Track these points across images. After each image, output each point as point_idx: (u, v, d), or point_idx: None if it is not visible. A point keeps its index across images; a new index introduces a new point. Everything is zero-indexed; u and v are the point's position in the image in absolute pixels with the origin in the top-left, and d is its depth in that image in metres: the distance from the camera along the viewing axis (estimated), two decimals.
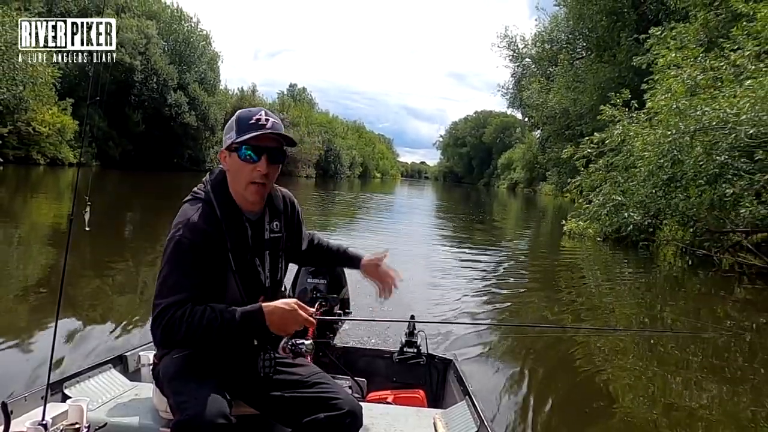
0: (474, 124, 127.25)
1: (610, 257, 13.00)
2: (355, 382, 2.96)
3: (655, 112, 12.15)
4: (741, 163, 9.91)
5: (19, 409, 2.01)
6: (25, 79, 25.77)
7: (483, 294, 7.97)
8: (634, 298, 8.63)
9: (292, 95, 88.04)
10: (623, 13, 27.97)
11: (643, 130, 12.13)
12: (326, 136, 78.37)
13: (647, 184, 11.86)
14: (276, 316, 1.76)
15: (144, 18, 41.74)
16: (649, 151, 11.61)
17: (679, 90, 11.27)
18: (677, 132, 10.57)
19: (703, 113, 10.17)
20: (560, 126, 31.55)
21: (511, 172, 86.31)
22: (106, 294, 6.36)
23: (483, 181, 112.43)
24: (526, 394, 4.27)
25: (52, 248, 8.35)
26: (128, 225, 13.08)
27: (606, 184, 13.07)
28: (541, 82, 32.69)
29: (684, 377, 4.87)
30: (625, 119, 12.93)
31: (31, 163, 29.92)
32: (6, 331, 4.58)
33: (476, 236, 17.58)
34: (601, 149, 13.46)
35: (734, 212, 9.99)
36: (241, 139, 1.81)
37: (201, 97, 46.65)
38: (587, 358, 5.14)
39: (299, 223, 2.17)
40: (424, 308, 6.47)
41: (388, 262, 2.31)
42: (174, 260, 1.76)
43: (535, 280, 9.92)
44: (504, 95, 46.27)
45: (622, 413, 3.99)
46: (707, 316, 7.40)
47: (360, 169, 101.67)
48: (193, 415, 1.61)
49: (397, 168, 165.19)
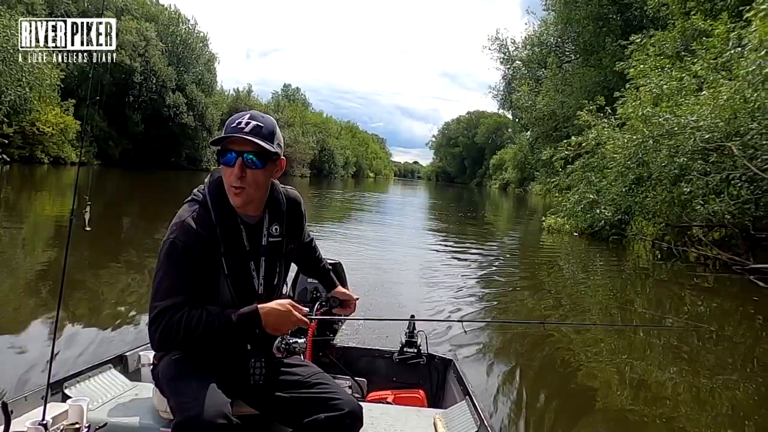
0: (466, 125, 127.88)
1: (585, 251, 14.11)
2: (355, 382, 2.98)
3: (627, 118, 13.31)
4: (698, 165, 11.06)
5: (19, 409, 2.01)
6: (32, 81, 26.50)
7: (477, 290, 8.26)
8: (608, 291, 9.23)
9: (287, 95, 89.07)
10: (609, 18, 28.73)
11: (613, 134, 13.29)
12: (320, 136, 79.49)
13: (617, 183, 13.06)
14: (271, 317, 1.79)
15: (143, 20, 42.65)
16: (618, 154, 12.77)
17: (646, 98, 12.44)
18: (642, 137, 11.73)
19: (665, 120, 11.32)
20: (548, 128, 31.95)
21: (502, 173, 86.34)
22: (106, 293, 6.33)
23: (475, 181, 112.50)
24: (526, 393, 4.31)
25: (54, 246, 8.51)
26: (129, 222, 13.32)
27: (582, 183, 14.23)
28: (530, 85, 33.44)
29: (678, 369, 5.08)
30: (599, 124, 14.07)
31: (35, 161, 30.84)
32: (6, 330, 4.58)
33: (468, 233, 18.45)
34: (577, 152, 14.62)
35: (690, 209, 11.14)
36: (213, 140, 1.83)
37: (198, 97, 47.71)
38: (583, 355, 5.27)
39: (302, 224, 2.15)
40: (421, 305, 6.63)
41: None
42: (169, 262, 1.77)
43: (521, 274, 10.55)
44: (495, 97, 46.58)
45: (621, 410, 4.03)
46: (671, 305, 8.25)
47: (353, 169, 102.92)
48: (194, 415, 1.62)
49: (390, 168, 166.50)
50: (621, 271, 11.40)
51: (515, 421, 3.79)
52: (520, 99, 34.12)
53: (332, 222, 16.86)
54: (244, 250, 1.89)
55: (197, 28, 49.51)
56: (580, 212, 14.00)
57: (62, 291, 2.04)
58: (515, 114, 44.07)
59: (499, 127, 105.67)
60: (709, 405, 4.37)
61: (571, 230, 15.53)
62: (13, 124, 28.55)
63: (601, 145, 13.84)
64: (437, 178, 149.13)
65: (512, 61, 41.56)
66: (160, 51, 43.22)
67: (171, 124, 45.52)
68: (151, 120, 43.81)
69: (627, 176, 12.70)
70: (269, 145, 1.81)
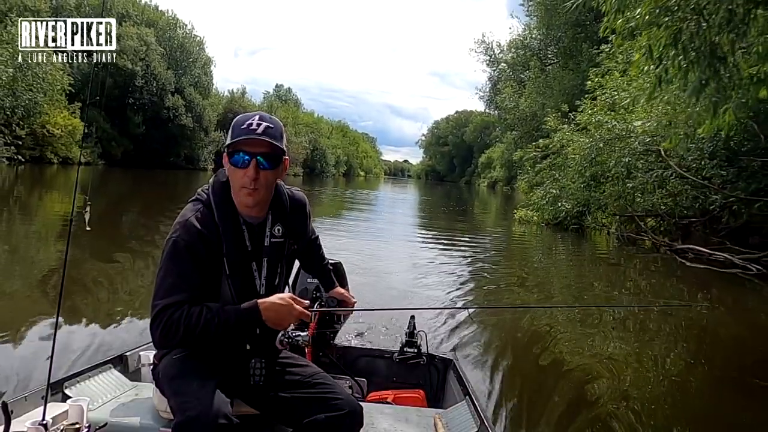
0: (455, 124, 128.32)
1: (551, 238, 16.23)
2: (355, 382, 2.99)
3: (586, 123, 15.40)
4: (640, 164, 13.16)
5: (19, 409, 2.02)
6: (45, 87, 28.06)
7: (472, 278, 8.89)
8: (571, 275, 10.37)
9: (279, 96, 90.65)
10: (586, 25, 29.88)
11: (573, 137, 15.41)
12: (312, 136, 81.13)
13: (577, 180, 15.16)
14: (272, 312, 1.79)
15: (143, 26, 44.33)
16: (577, 155, 14.88)
17: (599, 106, 14.56)
18: (594, 140, 13.83)
19: (613, 126, 13.42)
20: (530, 128, 33.27)
21: (491, 171, 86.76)
22: (107, 292, 6.32)
23: (464, 180, 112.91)
24: (526, 393, 4.35)
25: (58, 243, 8.57)
26: (130, 220, 13.55)
27: (548, 180, 16.36)
28: (514, 87, 35.16)
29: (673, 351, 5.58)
30: (562, 129, 16.20)
31: (45, 162, 32.39)
32: (7, 330, 4.55)
33: (456, 227, 19.89)
34: (545, 153, 16.73)
35: (633, 201, 13.27)
36: (228, 143, 1.83)
37: (196, 100, 49.53)
38: (583, 354, 5.33)
39: (306, 224, 2.16)
40: (417, 298, 6.89)
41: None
42: (171, 261, 1.78)
43: (503, 260, 11.89)
44: (481, 98, 47.82)
45: (622, 409, 4.03)
46: (622, 285, 9.41)
47: (344, 168, 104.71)
48: (195, 415, 1.62)
49: (380, 167, 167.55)
50: (581, 256, 13.43)
51: (515, 421, 3.80)
52: (504, 100, 35.81)
53: (330, 217, 18.48)
54: (246, 251, 1.90)
55: (194, 33, 51.44)
56: (546, 205, 16.14)
57: (62, 291, 2.07)
58: (500, 115, 45.69)
59: (487, 126, 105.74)
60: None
61: (538, 221, 17.68)
62: (24, 127, 30.20)
63: (565, 147, 15.97)
64: (427, 176, 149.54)
65: (498, 63, 43.10)
66: (159, 55, 44.88)
67: (170, 126, 47.18)
68: (152, 121, 45.49)
69: (584, 174, 14.82)
70: (282, 146, 1.85)
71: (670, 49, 5.25)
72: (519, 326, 6.05)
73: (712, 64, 5.10)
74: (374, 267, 8.99)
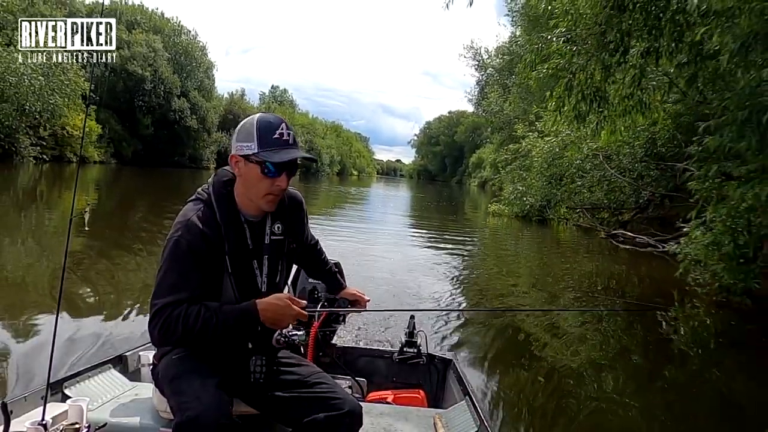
0: (447, 124, 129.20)
1: (519, 229, 19.16)
2: (355, 382, 3.01)
3: (547, 131, 18.32)
4: (587, 165, 16.09)
5: (19, 409, 2.02)
6: (68, 91, 30.45)
7: (468, 279, 9.46)
8: (544, 268, 11.70)
9: (274, 97, 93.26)
10: None
11: (537, 142, 18.38)
12: (308, 136, 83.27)
13: (540, 179, 18.14)
14: (269, 312, 1.79)
15: (151, 33, 47.00)
16: (539, 157, 17.84)
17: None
18: (551, 146, 16.80)
19: (566, 135, 16.33)
20: (513, 131, 36.18)
21: (481, 171, 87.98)
22: (108, 292, 6.36)
23: (456, 179, 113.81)
24: (526, 393, 4.35)
25: (62, 240, 8.86)
26: (135, 216, 14.06)
27: (516, 179, 19.37)
28: (499, 92, 37.57)
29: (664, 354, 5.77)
30: (528, 135, 19.17)
31: (65, 161, 34.90)
32: (6, 329, 4.57)
33: (448, 223, 22.25)
34: (515, 155, 19.73)
35: (581, 196, 16.27)
36: (272, 160, 1.81)
37: (200, 102, 52.31)
38: (583, 354, 5.41)
39: (303, 223, 2.17)
40: (416, 298, 7.13)
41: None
42: (171, 260, 1.78)
43: (485, 250, 14.76)
44: (470, 101, 49.88)
45: (622, 408, 4.09)
46: (574, 261, 12.42)
47: (338, 167, 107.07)
48: (195, 415, 1.63)
49: (373, 166, 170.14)
50: (542, 243, 16.10)
51: (515, 421, 3.81)
52: (491, 104, 38.40)
53: (328, 214, 20.84)
54: (248, 249, 1.92)
55: (198, 39, 54.18)
56: (514, 200, 19.18)
57: (62, 291, 2.10)
58: (487, 118, 48.07)
59: (478, 126, 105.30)
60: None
61: (508, 214, 20.69)
62: (48, 128, 32.80)
63: (531, 151, 18.96)
64: (419, 176, 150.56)
65: (485, 68, 45.22)
66: (165, 60, 47.39)
67: (177, 127, 49.80)
68: (159, 123, 48.08)
69: (545, 174, 17.82)
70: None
71: (564, 93, 8.07)
72: (519, 326, 6.16)
73: (589, 102, 7.92)
74: (373, 266, 9.25)
